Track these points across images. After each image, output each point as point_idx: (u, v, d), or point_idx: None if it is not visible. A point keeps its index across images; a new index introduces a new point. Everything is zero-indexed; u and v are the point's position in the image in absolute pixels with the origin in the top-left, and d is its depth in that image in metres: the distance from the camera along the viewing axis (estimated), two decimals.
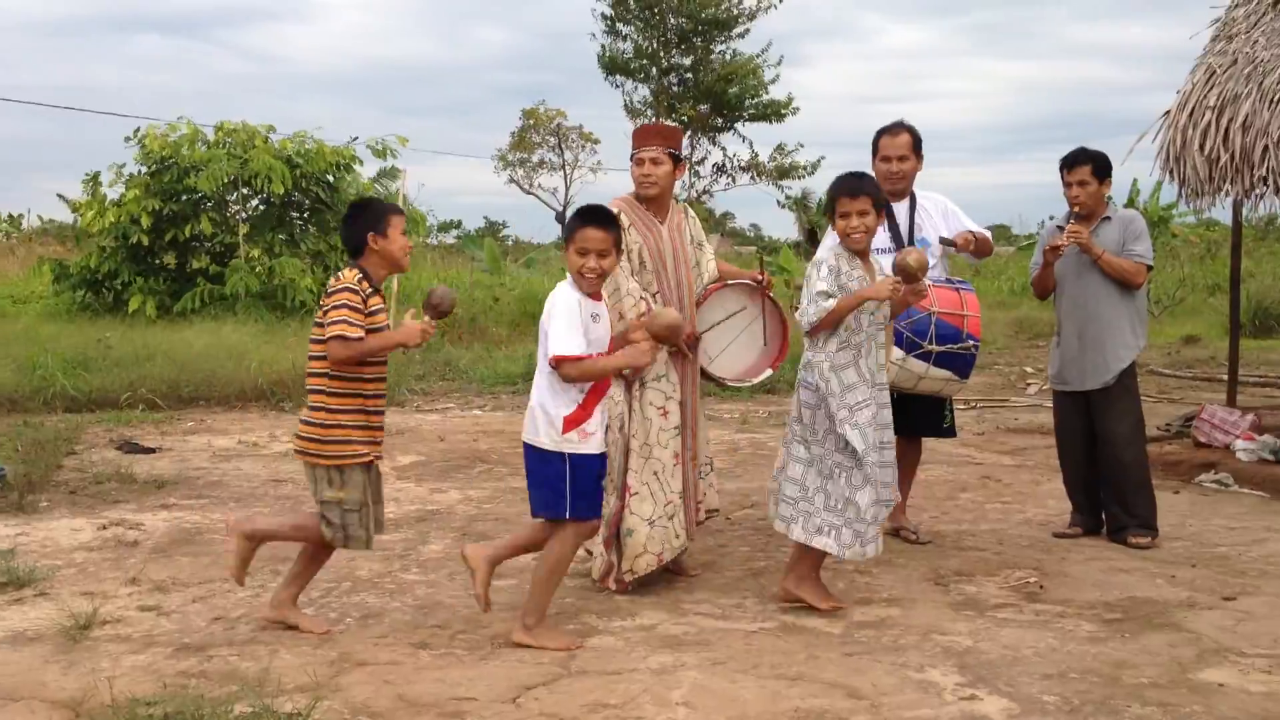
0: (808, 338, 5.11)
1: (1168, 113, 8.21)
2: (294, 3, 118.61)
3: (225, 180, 16.88)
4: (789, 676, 4.34)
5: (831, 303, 4.96)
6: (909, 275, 4.97)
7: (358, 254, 4.79)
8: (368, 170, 24.61)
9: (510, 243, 40.55)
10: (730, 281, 5.87)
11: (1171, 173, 8.11)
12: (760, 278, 5.88)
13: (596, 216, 4.77)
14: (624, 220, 5.46)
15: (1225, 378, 10.11)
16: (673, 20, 31.76)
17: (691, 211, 5.90)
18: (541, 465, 4.68)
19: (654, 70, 32.40)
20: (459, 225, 41.85)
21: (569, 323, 4.62)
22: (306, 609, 5.06)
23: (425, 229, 20.43)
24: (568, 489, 4.64)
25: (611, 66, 32.19)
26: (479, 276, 19.07)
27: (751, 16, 31.98)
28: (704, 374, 5.77)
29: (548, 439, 4.65)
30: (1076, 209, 6.37)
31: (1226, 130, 7.65)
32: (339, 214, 18.40)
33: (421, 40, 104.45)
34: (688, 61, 32.50)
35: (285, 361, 12.17)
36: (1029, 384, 13.76)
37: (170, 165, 17.12)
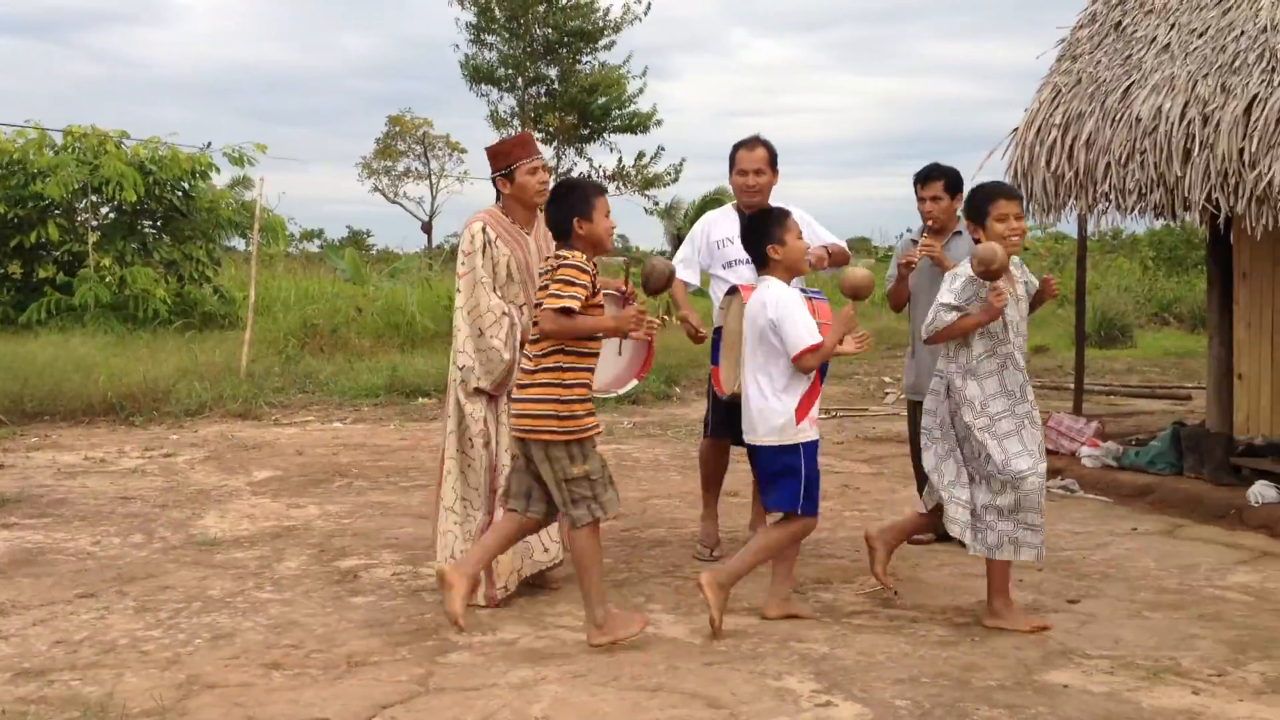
0: (928, 344, 5.34)
1: (1016, 130, 8.47)
2: (150, 5, 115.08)
3: (74, 187, 16.34)
4: (649, 688, 4.35)
5: (953, 316, 5.06)
6: (989, 272, 4.99)
7: (564, 237, 4.85)
8: (225, 178, 24.10)
9: (375, 252, 39.95)
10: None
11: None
12: (625, 289, 5.90)
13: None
14: (489, 234, 5.43)
15: (1072, 386, 10.47)
16: (538, 30, 31.70)
17: None
18: (775, 462, 5.02)
19: (520, 80, 32.29)
20: (321, 234, 41.18)
21: (804, 314, 4.98)
22: (153, 631, 4.91)
23: (285, 238, 20.03)
24: (803, 481, 5.01)
25: (476, 76, 31.96)
26: (341, 287, 18.74)
27: (617, 28, 32.10)
28: None
29: (780, 435, 4.99)
30: (929, 223, 6.54)
31: (1071, 147, 7.92)
32: (194, 222, 17.96)
33: (283, 46, 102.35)
34: (554, 72, 32.46)
35: (136, 374, 11.80)
36: (887, 393, 14.06)
37: (16, 170, 16.51)
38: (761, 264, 5.20)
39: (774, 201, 6.47)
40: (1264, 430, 8.31)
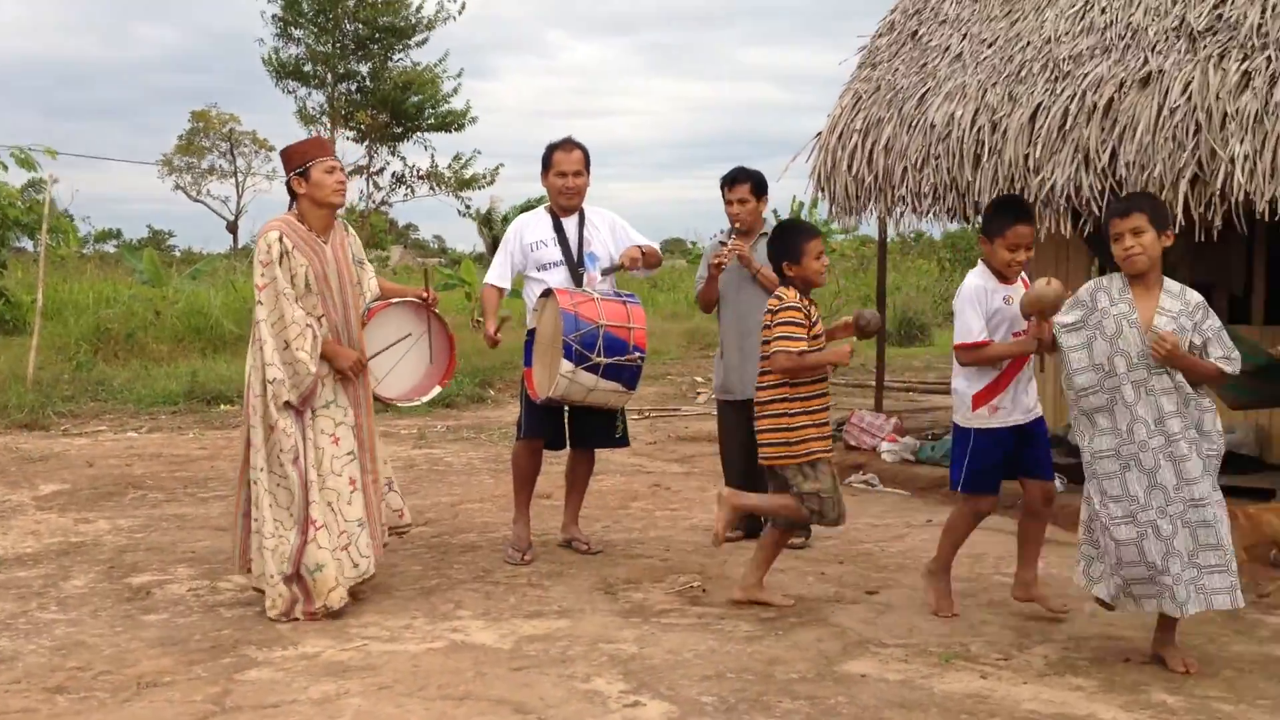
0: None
1: (820, 134, 8.69)
2: None
3: None
4: (456, 696, 4.29)
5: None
6: (1045, 308, 4.80)
7: (780, 275, 5.36)
8: (19, 177, 22.87)
9: (178, 253, 38.51)
10: (395, 300, 5.78)
11: (823, 191, 8.59)
12: (425, 295, 5.83)
13: (1026, 211, 5.26)
14: (286, 243, 5.28)
15: (874, 384, 10.80)
16: (349, 26, 31.07)
17: (352, 229, 5.76)
18: (955, 442, 5.29)
19: (329, 76, 31.60)
20: (119, 235, 39.45)
21: (973, 310, 5.09)
22: None
23: (76, 239, 19.11)
24: (965, 463, 5.19)
25: (282, 71, 31.14)
26: (138, 289, 17.95)
27: (430, 25, 31.72)
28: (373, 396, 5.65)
29: (960, 417, 5.24)
30: (737, 225, 6.64)
31: (871, 152, 8.17)
32: None
33: (79, 37, 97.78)
34: (365, 69, 31.87)
35: None
36: (699, 394, 14.25)
37: None
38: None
39: (588, 203, 6.49)
40: (1051, 423, 8.71)
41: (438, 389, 5.91)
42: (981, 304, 5.11)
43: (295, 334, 5.19)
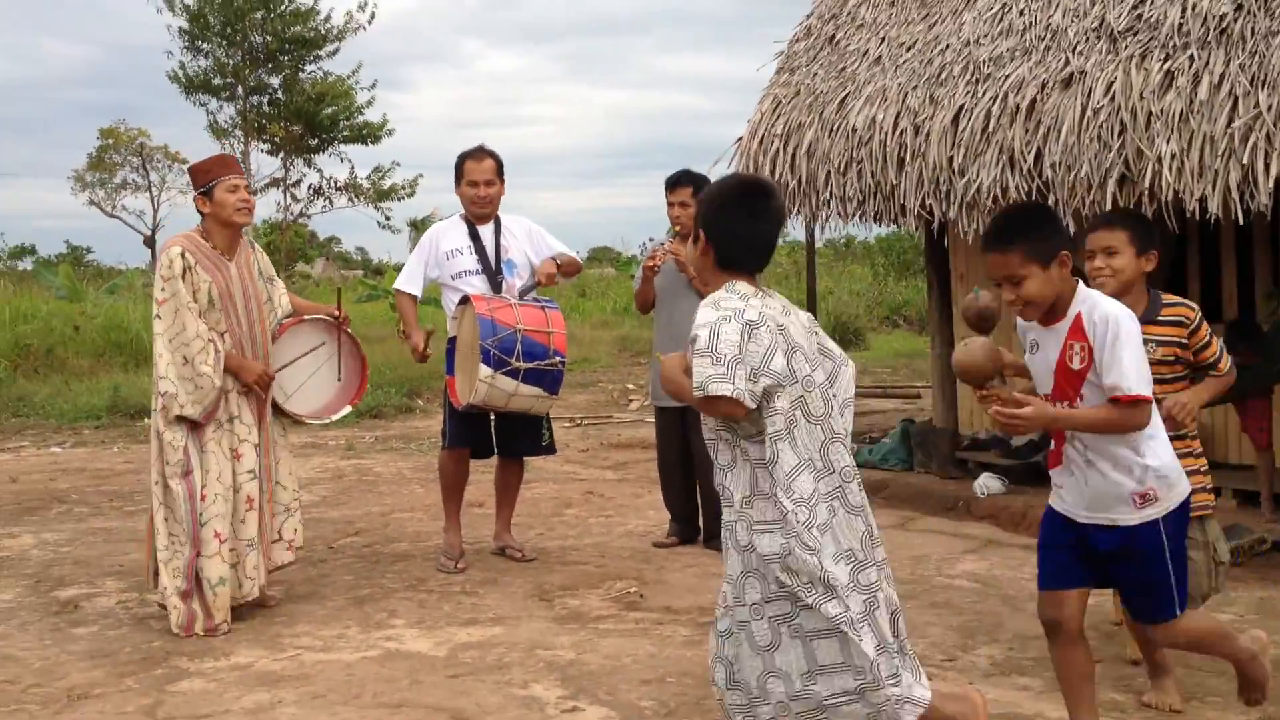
0: None
1: (740, 140, 8.71)
2: None
3: None
4: (391, 704, 4.25)
5: None
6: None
7: None
8: None
9: (97, 268, 37.72)
10: (306, 317, 5.74)
11: None
12: (337, 313, 5.79)
13: (999, 236, 3.56)
14: (189, 259, 5.23)
15: None
16: (256, 38, 30.65)
17: (259, 246, 5.72)
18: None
19: (240, 89, 31.16)
20: (33, 251, 38.60)
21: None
22: None
23: None
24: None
25: (191, 85, 30.66)
26: (55, 305, 17.58)
27: (340, 36, 31.40)
28: (280, 411, 5.59)
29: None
30: (677, 228, 6.64)
31: (793, 157, 8.21)
32: None
33: None
34: (276, 81, 31.46)
35: None
36: (631, 400, 14.24)
37: None
38: None
39: (506, 211, 6.46)
40: (986, 425, 8.83)
41: (348, 408, 5.88)
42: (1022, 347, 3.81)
43: (199, 348, 5.15)
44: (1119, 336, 3.38)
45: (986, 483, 7.74)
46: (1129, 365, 3.35)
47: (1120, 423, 3.40)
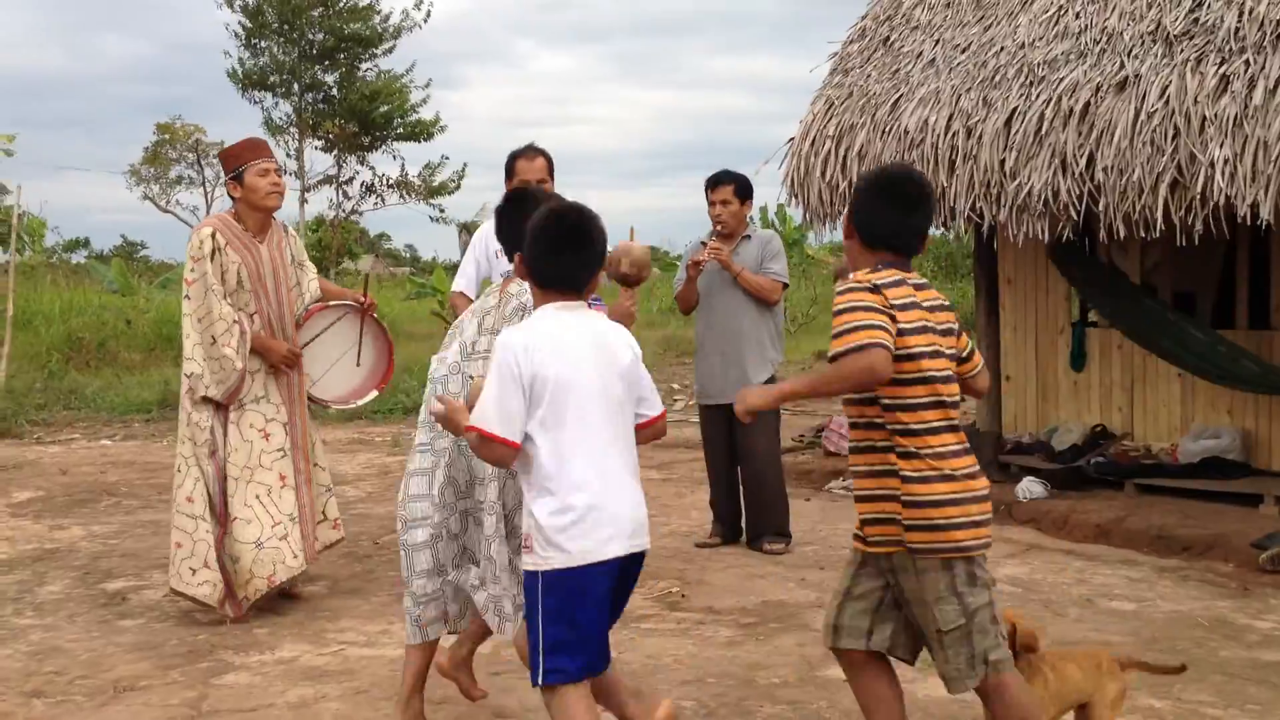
0: None
1: (791, 140, 8.67)
2: None
3: None
4: (434, 701, 4.25)
5: None
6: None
7: None
8: None
9: (152, 263, 38.19)
10: (333, 303, 5.78)
11: (796, 197, 8.58)
12: (363, 299, 5.82)
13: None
14: (219, 240, 5.29)
15: None
16: (314, 35, 30.88)
17: (292, 230, 5.77)
18: None
19: (295, 86, 31.40)
20: (87, 244, 39.09)
21: None
22: None
23: (41, 248, 18.89)
24: None
25: (248, 82, 30.94)
26: (108, 299, 17.83)
27: (396, 34, 31.58)
28: (308, 396, 5.64)
29: None
30: (719, 227, 6.63)
31: (844, 158, 8.16)
32: None
33: (42, 49, 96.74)
34: (332, 78, 31.68)
35: None
36: (676, 400, 14.22)
37: None
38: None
39: None
40: (1030, 429, 8.76)
41: (374, 393, 5.92)
42: None
43: (223, 329, 5.20)
44: None
45: (1029, 487, 7.66)
46: None
47: None
